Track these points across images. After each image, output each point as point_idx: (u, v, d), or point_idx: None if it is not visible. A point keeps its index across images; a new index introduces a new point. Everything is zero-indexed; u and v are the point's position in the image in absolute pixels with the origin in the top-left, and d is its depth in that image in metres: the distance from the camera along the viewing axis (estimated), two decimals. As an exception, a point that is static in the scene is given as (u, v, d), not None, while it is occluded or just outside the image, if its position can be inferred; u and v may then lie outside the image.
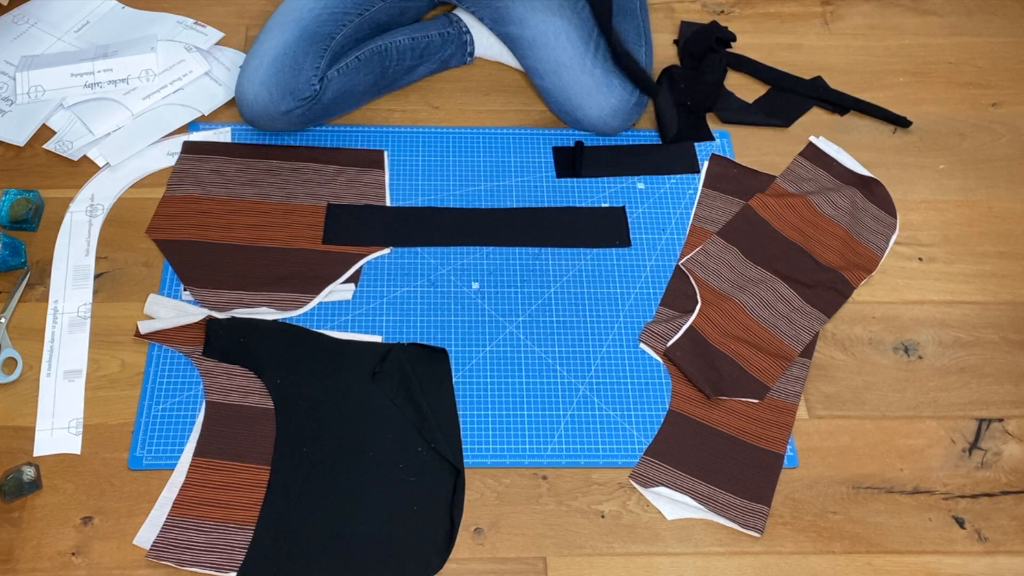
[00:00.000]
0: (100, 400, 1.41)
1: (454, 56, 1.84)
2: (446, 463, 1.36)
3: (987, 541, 1.36)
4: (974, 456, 1.44)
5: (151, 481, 1.34)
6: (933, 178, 1.77)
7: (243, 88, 1.64)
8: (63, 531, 1.30)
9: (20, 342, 1.46)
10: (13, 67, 1.77)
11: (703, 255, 1.59)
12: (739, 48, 1.94)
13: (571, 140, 1.75)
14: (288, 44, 1.61)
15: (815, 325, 1.53)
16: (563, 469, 1.39)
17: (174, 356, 1.45)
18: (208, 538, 1.28)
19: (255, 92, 1.62)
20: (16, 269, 1.52)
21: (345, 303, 1.52)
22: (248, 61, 1.65)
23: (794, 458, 1.41)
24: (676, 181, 1.71)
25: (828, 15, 2.04)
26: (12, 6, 1.90)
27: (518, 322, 1.52)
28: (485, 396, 1.44)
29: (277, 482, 1.33)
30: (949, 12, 2.06)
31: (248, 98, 1.63)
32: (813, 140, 1.78)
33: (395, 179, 1.68)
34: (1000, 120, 1.87)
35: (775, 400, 1.46)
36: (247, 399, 1.40)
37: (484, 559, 1.30)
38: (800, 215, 1.65)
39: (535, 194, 1.68)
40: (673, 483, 1.36)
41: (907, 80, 1.92)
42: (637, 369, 1.48)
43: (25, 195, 1.57)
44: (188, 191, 1.63)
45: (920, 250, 1.66)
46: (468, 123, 1.78)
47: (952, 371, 1.52)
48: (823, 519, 1.36)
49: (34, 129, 1.69)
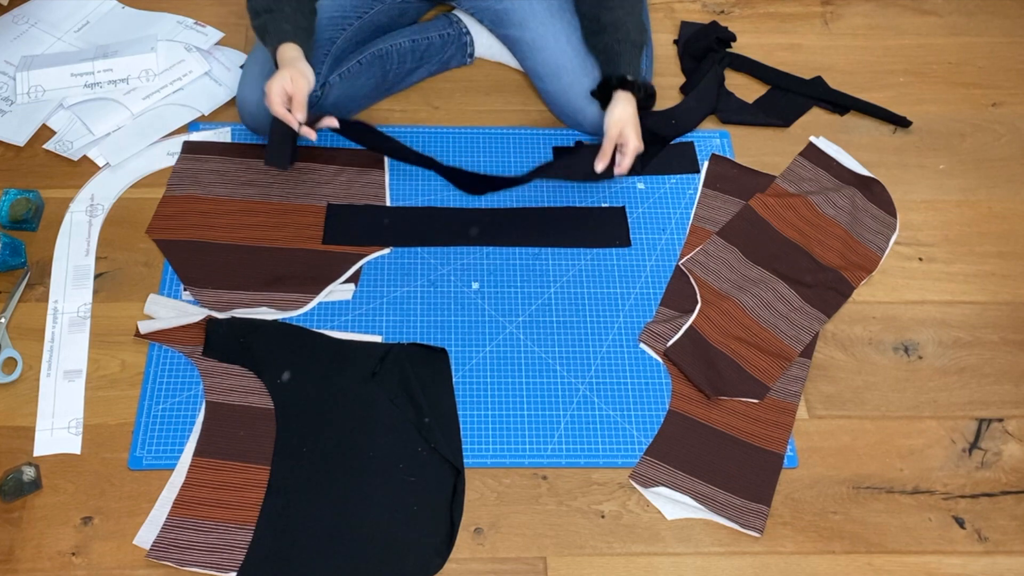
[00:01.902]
0: (100, 400, 1.41)
1: (454, 57, 1.84)
2: (446, 463, 1.36)
3: (987, 541, 1.36)
4: (974, 456, 1.44)
5: (151, 481, 1.34)
6: (933, 178, 1.77)
7: (245, 96, 1.63)
8: (63, 531, 1.30)
9: (20, 342, 1.46)
10: (13, 67, 1.77)
11: (703, 255, 1.59)
12: (739, 48, 1.94)
13: (571, 140, 1.75)
14: None
15: (815, 325, 1.53)
16: (563, 469, 1.39)
17: (174, 356, 1.45)
18: (208, 538, 1.28)
19: (257, 100, 1.61)
20: (16, 269, 1.52)
21: (345, 303, 1.52)
22: (248, 68, 1.64)
23: (794, 458, 1.41)
24: (676, 181, 1.71)
25: (828, 15, 2.04)
26: (12, 6, 1.90)
27: (518, 322, 1.52)
28: (485, 396, 1.44)
29: (277, 482, 1.33)
30: (949, 12, 2.06)
31: (251, 106, 1.63)
32: (813, 140, 1.78)
33: (395, 179, 1.68)
34: (1000, 120, 1.87)
35: (775, 400, 1.46)
36: (247, 399, 1.40)
37: (484, 559, 1.30)
38: (800, 215, 1.65)
39: (535, 194, 1.67)
40: (673, 483, 1.36)
41: (907, 80, 1.92)
42: (637, 369, 1.48)
43: (25, 195, 1.57)
44: (188, 191, 1.63)
45: (920, 250, 1.66)
46: (468, 123, 1.78)
47: (952, 371, 1.52)
48: (823, 519, 1.36)
49: (34, 129, 1.69)
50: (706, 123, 1.81)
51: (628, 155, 1.60)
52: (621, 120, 1.59)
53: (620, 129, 1.59)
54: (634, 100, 1.61)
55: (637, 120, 1.61)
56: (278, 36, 1.53)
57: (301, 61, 1.52)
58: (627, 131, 1.59)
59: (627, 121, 1.59)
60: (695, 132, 1.79)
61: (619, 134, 1.59)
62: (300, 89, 1.50)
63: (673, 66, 1.91)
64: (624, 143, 1.60)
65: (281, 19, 1.54)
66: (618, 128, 1.59)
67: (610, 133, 1.60)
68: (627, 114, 1.59)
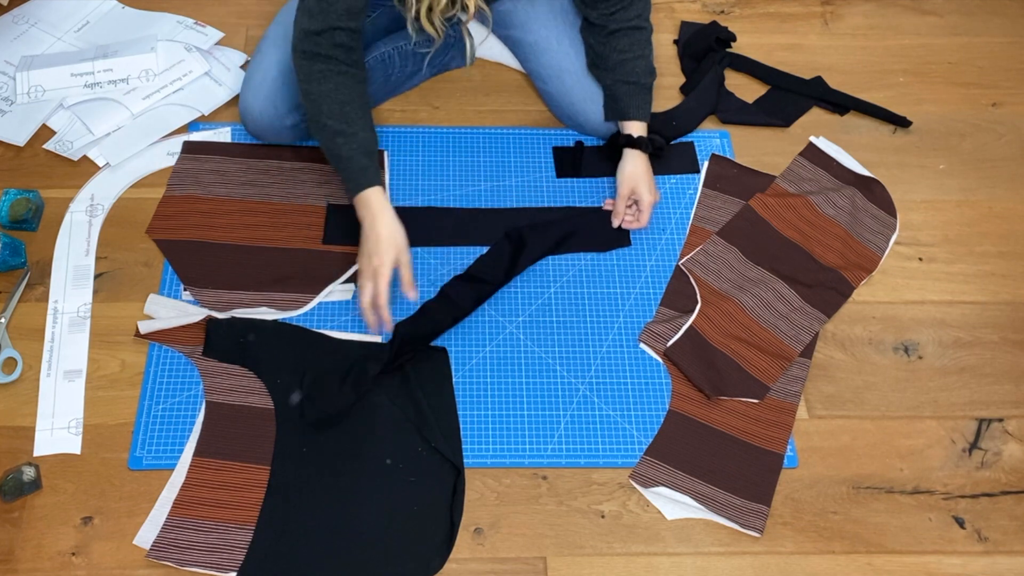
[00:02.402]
0: (100, 400, 1.41)
1: (455, 58, 1.84)
2: (446, 463, 1.36)
3: (987, 541, 1.36)
4: (974, 456, 1.44)
5: (151, 481, 1.34)
6: (933, 178, 1.77)
7: (247, 103, 1.63)
8: (63, 531, 1.30)
9: (20, 342, 1.46)
10: (13, 67, 1.77)
11: (703, 255, 1.59)
12: (739, 48, 1.94)
13: (571, 140, 1.75)
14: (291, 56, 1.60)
15: (815, 325, 1.53)
16: (563, 469, 1.39)
17: (174, 356, 1.45)
18: (208, 538, 1.28)
19: (260, 107, 1.61)
20: (16, 269, 1.52)
21: (345, 303, 1.52)
22: (251, 74, 1.63)
23: (794, 458, 1.41)
24: (676, 181, 1.71)
25: (828, 15, 2.04)
26: (12, 6, 1.90)
27: (518, 322, 1.52)
28: (485, 396, 1.44)
29: (277, 482, 1.33)
30: (949, 12, 2.06)
31: (253, 113, 1.62)
32: (813, 140, 1.78)
33: (395, 179, 1.68)
34: (1000, 120, 1.87)
35: (775, 400, 1.46)
36: (247, 399, 1.40)
37: (484, 559, 1.30)
38: (800, 215, 1.65)
39: (535, 194, 1.67)
40: (673, 483, 1.36)
41: (907, 80, 1.92)
42: (637, 369, 1.48)
43: (25, 195, 1.57)
44: (188, 191, 1.63)
45: (920, 250, 1.66)
46: (468, 123, 1.78)
47: (952, 371, 1.52)
48: (823, 519, 1.36)
49: (34, 129, 1.69)
50: (706, 123, 1.81)
51: (644, 210, 1.59)
52: (633, 178, 1.59)
53: (632, 187, 1.59)
54: (644, 155, 1.60)
55: (650, 174, 1.60)
56: (363, 178, 1.42)
57: (397, 225, 1.41)
58: (639, 188, 1.59)
59: (639, 178, 1.59)
60: (695, 132, 1.79)
61: (631, 191, 1.59)
62: (407, 269, 1.43)
63: (673, 66, 1.91)
64: (638, 199, 1.60)
65: (356, 149, 1.42)
66: (629, 186, 1.59)
67: (621, 191, 1.59)
68: (638, 171, 1.59)
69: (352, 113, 1.43)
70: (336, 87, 1.43)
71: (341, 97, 1.43)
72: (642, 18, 1.60)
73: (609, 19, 1.58)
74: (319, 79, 1.43)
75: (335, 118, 1.43)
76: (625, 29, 1.58)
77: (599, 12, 1.59)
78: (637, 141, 1.59)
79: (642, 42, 1.60)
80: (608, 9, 1.58)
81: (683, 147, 1.76)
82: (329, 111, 1.43)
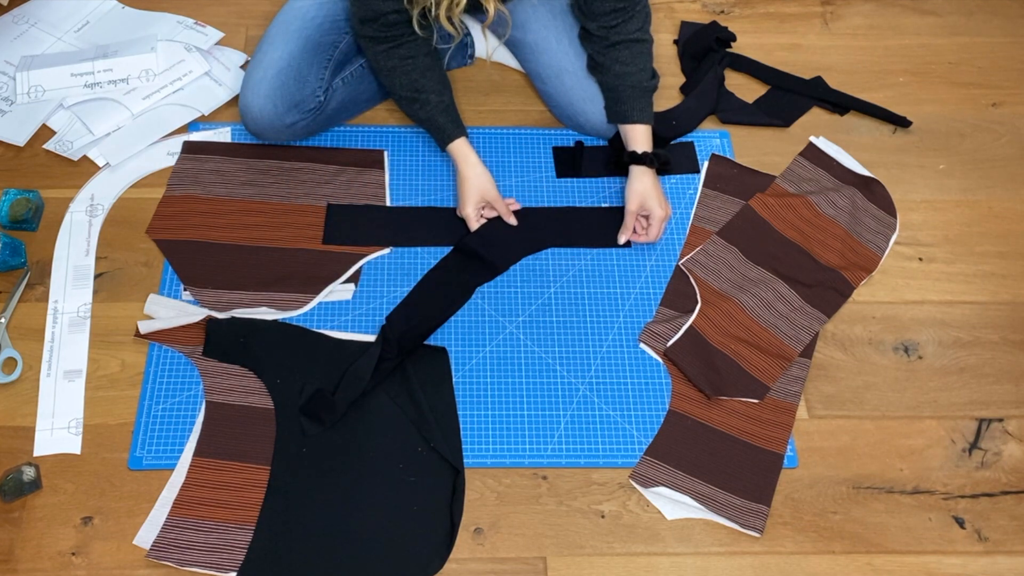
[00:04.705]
0: (100, 400, 1.41)
1: (455, 58, 1.84)
2: (446, 463, 1.36)
3: (987, 541, 1.36)
4: (974, 456, 1.44)
5: (151, 481, 1.34)
6: (933, 178, 1.77)
7: (247, 102, 1.62)
8: (63, 531, 1.30)
9: (20, 342, 1.46)
10: (13, 67, 1.77)
11: (703, 255, 1.59)
12: (739, 48, 1.94)
13: (571, 140, 1.75)
14: (292, 56, 1.60)
15: (815, 325, 1.53)
16: (563, 469, 1.39)
17: (174, 356, 1.45)
18: (208, 538, 1.28)
19: (260, 106, 1.61)
20: (16, 269, 1.52)
21: (345, 303, 1.52)
22: (251, 73, 1.63)
23: (794, 458, 1.41)
24: (676, 181, 1.71)
25: (828, 15, 2.04)
26: (12, 6, 1.90)
27: (518, 322, 1.52)
28: (485, 396, 1.44)
29: (277, 482, 1.33)
30: (949, 12, 2.06)
31: (253, 112, 1.62)
32: (813, 140, 1.78)
33: (395, 179, 1.68)
34: (1000, 120, 1.87)
35: (775, 400, 1.46)
36: (247, 399, 1.40)
37: (484, 559, 1.30)
38: (800, 215, 1.65)
39: (535, 194, 1.68)
40: (673, 483, 1.36)
41: (907, 80, 1.92)
42: (637, 369, 1.48)
43: (25, 195, 1.57)
44: (188, 191, 1.63)
45: (920, 250, 1.66)
46: (468, 123, 1.77)
47: (952, 371, 1.52)
48: (823, 519, 1.36)
49: (34, 129, 1.69)
50: (706, 123, 1.81)
51: (656, 224, 1.59)
52: (641, 194, 1.59)
53: (640, 202, 1.59)
54: (651, 170, 1.60)
55: (659, 189, 1.60)
56: (443, 134, 1.59)
57: (481, 168, 1.58)
58: (649, 203, 1.59)
59: (647, 194, 1.59)
60: (695, 132, 1.79)
61: (640, 207, 1.59)
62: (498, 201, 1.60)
63: (673, 66, 1.91)
64: (648, 214, 1.60)
65: (432, 110, 1.58)
66: (638, 202, 1.59)
67: (630, 207, 1.59)
68: (646, 186, 1.59)
69: (419, 80, 1.57)
70: (400, 61, 1.56)
71: (406, 68, 1.57)
72: (643, 31, 1.59)
73: (610, 31, 1.58)
74: (384, 58, 1.57)
75: (407, 88, 1.58)
76: (626, 42, 1.58)
77: (599, 24, 1.59)
78: (643, 157, 1.59)
79: (643, 54, 1.61)
80: (608, 22, 1.57)
81: (683, 147, 1.76)
82: (400, 84, 1.58)
